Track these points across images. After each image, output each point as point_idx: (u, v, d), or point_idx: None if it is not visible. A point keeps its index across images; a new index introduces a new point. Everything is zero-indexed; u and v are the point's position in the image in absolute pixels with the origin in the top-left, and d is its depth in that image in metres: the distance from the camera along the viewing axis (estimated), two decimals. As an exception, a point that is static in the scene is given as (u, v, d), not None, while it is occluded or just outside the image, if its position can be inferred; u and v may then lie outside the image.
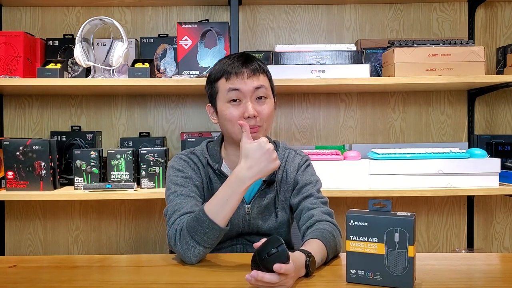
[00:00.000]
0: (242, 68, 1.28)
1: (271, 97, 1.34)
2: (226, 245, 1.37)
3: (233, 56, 1.34)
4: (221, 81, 1.31)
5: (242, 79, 1.27)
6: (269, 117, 1.31)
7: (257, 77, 1.29)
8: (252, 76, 1.28)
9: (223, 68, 1.31)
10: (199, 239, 1.16)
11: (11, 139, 1.98)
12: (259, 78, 1.29)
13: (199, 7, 2.30)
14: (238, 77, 1.28)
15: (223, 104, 1.30)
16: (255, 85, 1.28)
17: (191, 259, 1.17)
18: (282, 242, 0.98)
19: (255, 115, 1.27)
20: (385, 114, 2.33)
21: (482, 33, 2.33)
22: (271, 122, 1.35)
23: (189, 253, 1.17)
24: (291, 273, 0.98)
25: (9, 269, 1.18)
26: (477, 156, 1.96)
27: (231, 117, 1.28)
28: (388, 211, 1.02)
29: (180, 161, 1.37)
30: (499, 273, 1.18)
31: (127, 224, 2.33)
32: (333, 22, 2.33)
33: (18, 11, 2.29)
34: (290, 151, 1.44)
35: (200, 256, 1.18)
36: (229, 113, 1.28)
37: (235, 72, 1.28)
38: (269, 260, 0.96)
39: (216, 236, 1.17)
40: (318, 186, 1.38)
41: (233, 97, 1.28)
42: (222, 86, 1.30)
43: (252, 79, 1.28)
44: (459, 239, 2.35)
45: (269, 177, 1.35)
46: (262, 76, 1.31)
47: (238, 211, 1.33)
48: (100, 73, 1.99)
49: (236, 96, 1.28)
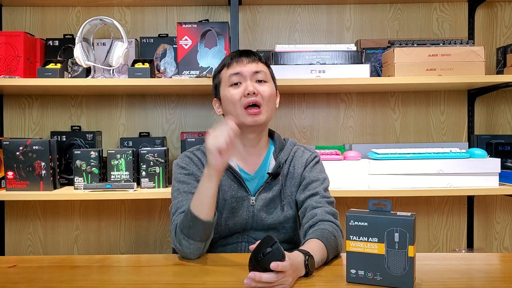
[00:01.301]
0: (242, 57, 1.37)
1: (271, 82, 1.40)
2: (232, 241, 1.38)
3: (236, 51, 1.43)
4: (223, 71, 1.39)
5: (242, 64, 1.35)
6: (270, 98, 1.36)
7: (256, 63, 1.37)
8: (251, 62, 1.36)
9: (225, 60, 1.40)
10: (186, 233, 1.20)
11: (11, 139, 1.98)
12: (258, 64, 1.37)
13: (199, 7, 2.30)
14: (238, 63, 1.36)
15: (225, 89, 1.36)
16: (253, 69, 1.35)
17: (187, 253, 1.22)
18: (276, 240, 0.99)
19: (255, 92, 1.32)
20: (385, 114, 2.33)
21: (482, 33, 2.33)
22: (274, 108, 1.39)
23: (184, 248, 1.22)
24: (288, 270, 0.98)
25: (9, 269, 1.18)
26: (477, 156, 1.96)
27: (232, 98, 1.34)
28: (388, 211, 1.02)
29: (184, 158, 1.41)
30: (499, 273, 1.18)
31: (127, 224, 2.33)
32: (333, 22, 2.33)
33: (18, 11, 2.29)
34: (298, 147, 1.46)
35: (194, 250, 1.21)
36: (230, 95, 1.34)
37: (235, 60, 1.36)
38: (265, 260, 0.97)
39: (201, 229, 1.19)
40: (325, 184, 1.39)
41: (235, 81, 1.35)
42: (224, 74, 1.38)
43: (251, 64, 1.36)
44: (459, 239, 2.35)
45: (274, 170, 1.36)
46: (261, 64, 1.39)
47: (243, 202, 1.36)
48: (100, 73, 1.99)
49: (237, 80, 1.35)
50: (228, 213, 1.35)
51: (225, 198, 1.35)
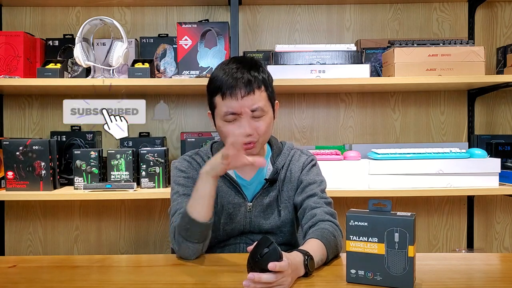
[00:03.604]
0: (237, 87, 1.25)
1: (269, 111, 1.31)
2: (230, 243, 1.38)
3: (231, 63, 1.30)
4: (217, 97, 1.30)
5: (237, 100, 1.25)
6: (266, 132, 1.31)
7: (252, 96, 1.26)
8: (247, 96, 1.25)
9: (220, 82, 1.28)
10: (184, 234, 1.21)
11: (11, 139, 1.98)
12: (254, 97, 1.26)
13: (199, 7, 2.30)
14: (232, 97, 1.25)
15: (220, 121, 1.31)
16: (250, 106, 1.26)
17: (185, 254, 1.23)
18: (272, 241, 0.99)
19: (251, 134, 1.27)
20: (385, 114, 2.33)
21: (482, 33, 2.33)
22: (269, 134, 1.36)
23: (181, 249, 1.23)
24: (286, 270, 0.98)
25: (9, 269, 1.17)
26: (477, 156, 1.96)
27: (228, 134, 1.29)
28: (388, 211, 1.02)
29: (183, 162, 1.41)
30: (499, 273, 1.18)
31: (127, 224, 2.33)
32: (333, 22, 2.33)
33: (18, 11, 2.29)
34: (295, 151, 1.45)
35: (192, 251, 1.22)
36: (225, 131, 1.29)
37: (229, 92, 1.25)
38: (262, 261, 0.97)
39: (198, 231, 1.20)
40: (322, 186, 1.39)
41: (229, 118, 1.28)
42: (219, 104, 1.29)
43: (247, 98, 1.25)
44: (459, 239, 2.35)
45: (272, 176, 1.36)
46: (258, 92, 1.27)
47: (240, 208, 1.36)
48: (100, 73, 1.99)
49: (232, 118, 1.28)
50: (225, 218, 1.36)
51: (222, 203, 1.36)
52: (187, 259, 1.23)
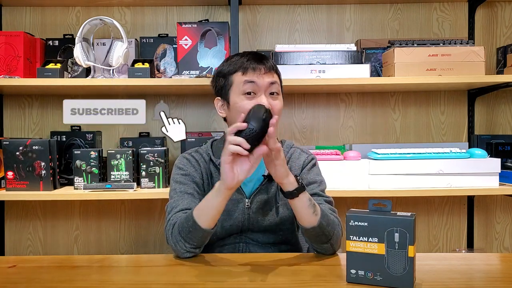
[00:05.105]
0: (260, 65, 1.32)
1: (281, 95, 1.38)
2: (229, 242, 1.38)
3: (247, 53, 1.38)
4: (236, 74, 1.33)
5: (259, 74, 1.31)
6: (279, 112, 1.36)
7: (272, 74, 1.34)
8: (268, 73, 1.32)
9: (239, 63, 1.34)
10: (184, 236, 1.21)
11: (11, 139, 1.98)
12: (273, 75, 1.34)
13: (199, 7, 2.30)
14: (255, 71, 1.31)
15: (237, 96, 1.32)
16: (270, 80, 1.32)
17: (180, 252, 1.24)
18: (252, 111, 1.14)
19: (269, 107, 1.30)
20: (385, 114, 2.33)
21: (482, 33, 2.33)
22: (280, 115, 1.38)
23: (178, 247, 1.23)
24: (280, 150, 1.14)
25: (9, 269, 1.17)
26: (477, 156, 1.96)
27: (245, 109, 1.27)
28: (388, 211, 1.02)
29: (182, 160, 1.42)
30: (499, 273, 1.18)
31: (127, 224, 2.33)
32: (333, 22, 2.33)
33: (18, 11, 2.29)
34: (295, 149, 1.46)
35: (188, 251, 1.23)
36: (242, 105, 1.30)
37: (252, 67, 1.32)
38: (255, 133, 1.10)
39: (199, 236, 1.20)
40: (322, 186, 1.39)
41: (248, 90, 1.31)
42: (238, 79, 1.33)
43: (268, 74, 1.32)
44: (459, 239, 2.35)
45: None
46: (276, 74, 1.36)
47: (238, 205, 1.36)
48: (100, 73, 1.99)
49: (251, 89, 1.31)
50: (224, 215, 1.35)
51: None
52: (180, 256, 1.24)
